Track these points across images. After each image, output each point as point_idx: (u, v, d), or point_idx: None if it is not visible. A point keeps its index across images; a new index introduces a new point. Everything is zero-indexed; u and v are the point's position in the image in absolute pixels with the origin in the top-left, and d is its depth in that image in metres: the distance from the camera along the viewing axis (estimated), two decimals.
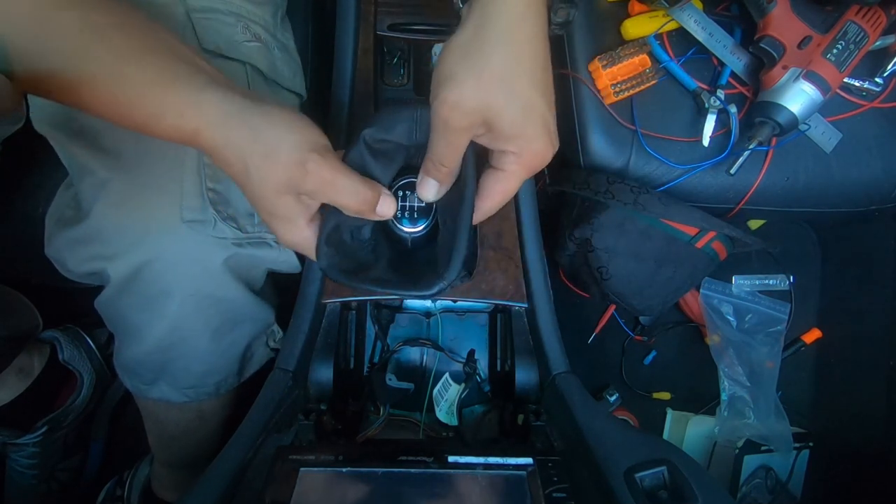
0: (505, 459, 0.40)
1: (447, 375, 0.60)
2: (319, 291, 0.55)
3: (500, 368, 0.62)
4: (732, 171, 0.63)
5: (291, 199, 0.39)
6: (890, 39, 0.64)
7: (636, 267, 0.71)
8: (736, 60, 0.66)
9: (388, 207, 0.41)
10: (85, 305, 0.59)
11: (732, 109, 0.64)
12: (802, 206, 0.69)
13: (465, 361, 0.60)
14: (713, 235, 0.69)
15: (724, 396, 0.89)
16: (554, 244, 0.78)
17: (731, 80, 0.66)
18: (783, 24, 0.60)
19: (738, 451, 0.90)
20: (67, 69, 0.36)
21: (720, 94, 0.65)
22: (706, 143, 0.65)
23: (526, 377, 0.54)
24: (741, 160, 0.63)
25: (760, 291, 0.97)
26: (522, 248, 0.57)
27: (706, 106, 0.64)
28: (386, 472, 0.39)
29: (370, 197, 0.40)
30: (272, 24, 0.60)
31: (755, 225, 0.98)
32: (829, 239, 1.00)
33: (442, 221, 0.44)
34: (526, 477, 0.39)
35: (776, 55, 0.60)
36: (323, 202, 0.40)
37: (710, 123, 0.64)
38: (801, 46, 0.60)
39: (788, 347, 0.96)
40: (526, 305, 0.56)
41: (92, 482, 0.85)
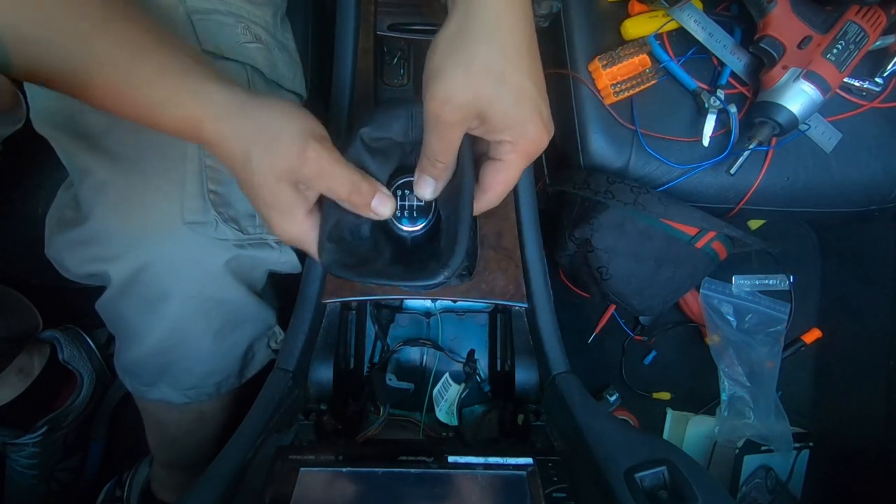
0: (505, 459, 0.40)
1: (447, 375, 0.60)
2: (319, 291, 0.55)
3: (500, 368, 0.62)
4: (732, 171, 0.63)
5: (290, 188, 0.39)
6: (890, 39, 0.64)
7: (636, 267, 0.71)
8: (736, 60, 0.66)
9: (385, 206, 0.41)
10: (85, 305, 0.59)
11: (732, 109, 0.64)
12: (802, 206, 0.69)
13: (465, 361, 0.60)
14: (713, 235, 0.69)
15: (724, 396, 0.89)
16: (554, 244, 0.78)
17: (731, 80, 0.66)
18: (783, 24, 0.60)
19: (738, 451, 0.90)
20: (70, 59, 0.36)
21: (720, 94, 0.65)
22: (706, 143, 0.65)
23: (526, 377, 0.54)
24: (741, 160, 0.63)
25: (760, 291, 0.97)
26: (522, 248, 0.57)
27: (706, 106, 0.64)
28: (386, 472, 0.39)
29: (366, 190, 0.40)
30: (272, 24, 0.60)
31: (755, 225, 0.98)
32: (829, 239, 1.00)
33: (444, 217, 0.44)
34: (526, 477, 0.39)
35: (776, 55, 0.60)
36: (321, 192, 0.40)
37: (710, 123, 0.64)
38: (801, 46, 0.60)
39: (788, 347, 0.96)
40: (526, 305, 0.56)
41: (92, 482, 0.85)
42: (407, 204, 0.45)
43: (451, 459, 0.40)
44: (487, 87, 0.35)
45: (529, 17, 0.38)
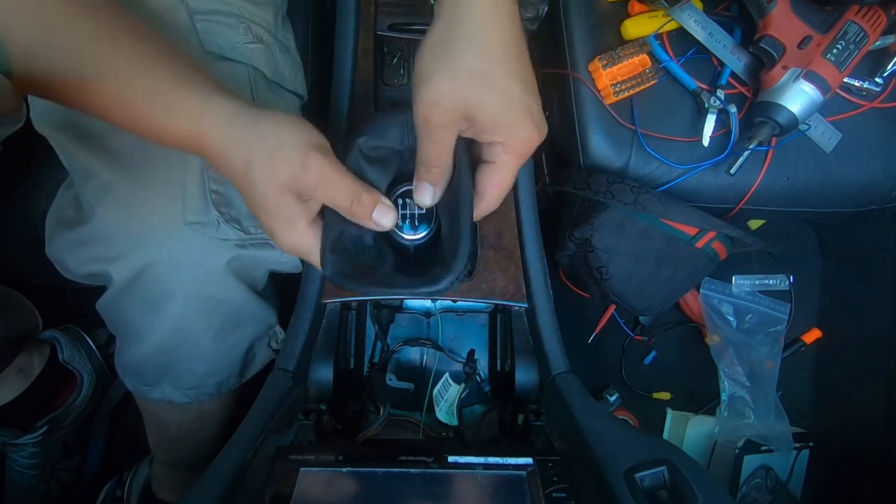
0: (505, 459, 0.40)
1: (447, 375, 0.60)
2: (319, 291, 0.55)
3: (500, 368, 0.62)
4: (732, 171, 0.63)
5: (292, 198, 0.39)
6: (890, 39, 0.64)
7: (636, 267, 0.71)
8: (736, 60, 0.66)
9: (386, 217, 0.41)
10: (85, 305, 0.59)
11: (732, 109, 0.64)
12: (802, 206, 0.69)
13: (465, 361, 0.60)
14: (713, 235, 0.69)
15: (724, 396, 0.89)
16: (554, 244, 0.78)
17: (731, 80, 0.66)
18: (783, 24, 0.60)
19: (738, 451, 0.90)
20: (73, 72, 0.36)
21: (720, 94, 0.65)
22: (706, 143, 0.65)
23: (526, 377, 0.54)
24: (741, 160, 0.63)
25: (760, 291, 0.97)
26: (522, 248, 0.57)
27: (706, 106, 0.64)
28: (386, 472, 0.39)
29: (367, 201, 0.40)
30: (273, 24, 0.60)
31: (755, 225, 0.98)
32: (829, 239, 1.00)
33: (445, 223, 0.44)
34: (526, 477, 0.39)
35: (776, 55, 0.60)
36: (323, 202, 0.40)
37: (710, 123, 0.64)
38: (801, 46, 0.60)
39: (788, 347, 0.96)
40: (526, 305, 0.56)
41: (92, 482, 0.85)
42: (408, 212, 0.44)
43: (451, 459, 0.40)
44: (474, 89, 0.36)
45: (516, 18, 0.38)
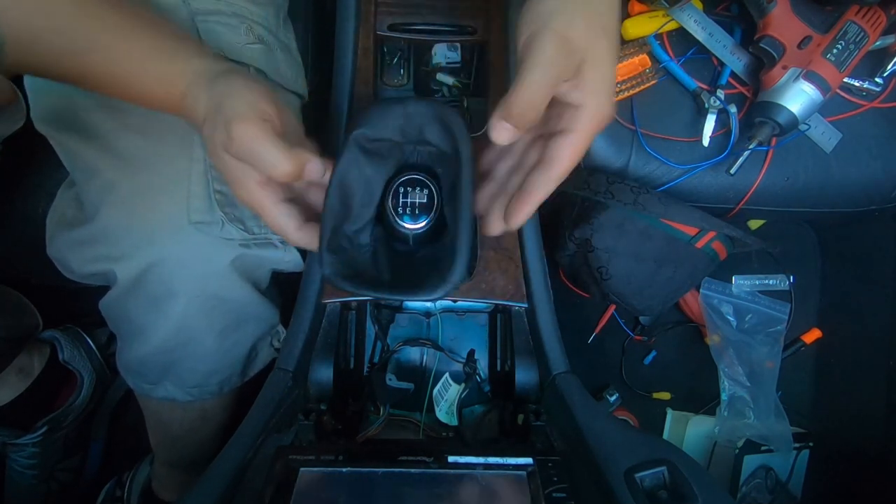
0: (505, 459, 0.40)
1: (447, 375, 0.60)
2: (319, 291, 0.55)
3: (500, 368, 0.62)
4: (732, 171, 0.63)
5: (234, 160, 0.39)
6: (890, 39, 0.64)
7: (636, 267, 0.71)
8: (736, 60, 0.66)
9: (315, 173, 0.40)
10: (85, 305, 0.59)
11: (732, 109, 0.64)
12: (802, 206, 0.69)
13: (465, 361, 0.60)
14: (713, 235, 0.69)
15: (724, 396, 0.89)
16: (554, 244, 0.78)
17: (731, 80, 0.66)
18: (783, 24, 0.60)
19: (738, 451, 0.90)
20: (62, 45, 0.37)
21: (720, 94, 0.65)
22: (706, 143, 0.65)
23: (526, 377, 0.54)
24: (741, 160, 0.63)
25: (760, 291, 0.97)
26: (522, 248, 0.57)
27: (706, 106, 0.64)
28: (386, 472, 0.39)
29: (290, 169, 0.38)
30: (274, 24, 0.60)
31: (755, 225, 0.98)
32: (829, 239, 1.00)
33: (450, 220, 0.43)
34: (526, 477, 0.39)
35: (776, 55, 0.60)
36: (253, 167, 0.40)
37: (710, 123, 0.64)
38: (801, 46, 0.60)
39: (788, 347, 0.96)
40: (526, 305, 0.56)
41: (92, 482, 0.85)
42: (409, 201, 0.44)
43: (451, 459, 0.40)
44: (601, 42, 0.34)
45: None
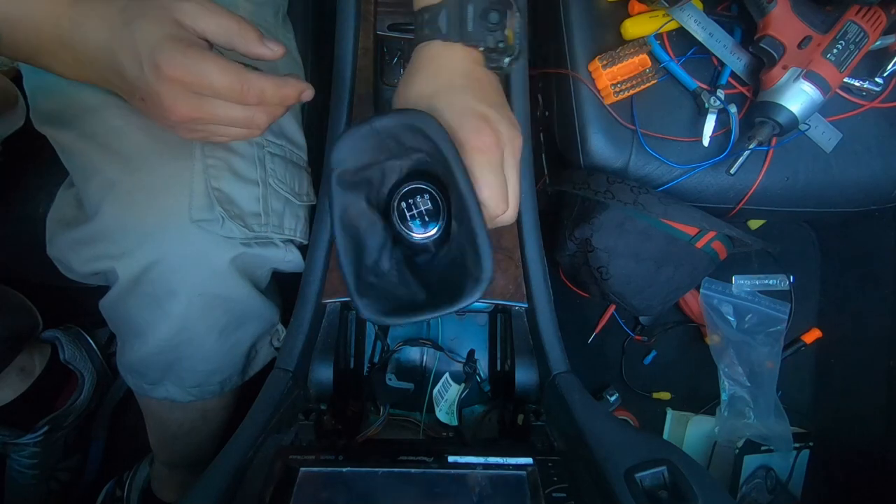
0: (505, 459, 0.40)
1: (447, 375, 0.60)
2: (319, 291, 0.55)
3: (500, 368, 0.62)
4: (732, 171, 0.63)
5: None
6: (890, 39, 0.64)
7: (636, 267, 0.71)
8: (736, 60, 0.66)
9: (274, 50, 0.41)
10: (86, 305, 0.59)
11: (732, 109, 0.64)
12: (802, 206, 0.69)
13: (465, 361, 0.60)
14: (713, 235, 0.69)
15: (724, 396, 0.89)
16: (554, 244, 0.78)
17: (731, 80, 0.67)
18: (783, 23, 0.60)
19: (738, 451, 0.90)
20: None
21: (720, 94, 0.65)
22: (706, 143, 0.65)
23: (526, 377, 0.54)
24: (741, 160, 0.63)
25: (760, 291, 0.97)
26: (522, 248, 0.57)
27: (706, 106, 0.64)
28: (386, 472, 0.39)
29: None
30: (274, 24, 0.60)
31: (755, 225, 0.98)
32: (829, 239, 1.00)
33: (461, 234, 0.43)
34: (526, 477, 0.39)
35: (776, 55, 0.60)
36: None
37: (710, 123, 0.65)
38: (801, 46, 0.60)
39: (788, 347, 0.96)
40: (526, 305, 0.56)
41: (92, 482, 0.85)
42: (416, 211, 0.44)
43: (451, 459, 0.40)
44: (423, 104, 0.42)
45: (470, 58, 0.44)
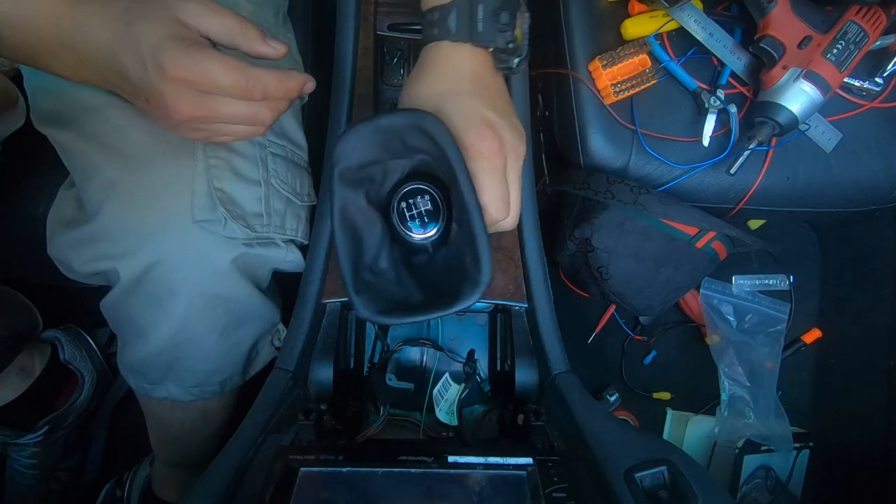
0: (505, 459, 0.40)
1: (447, 375, 0.60)
2: (319, 291, 0.55)
3: (500, 368, 0.62)
4: (732, 171, 0.63)
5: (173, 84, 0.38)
6: (890, 39, 0.64)
7: (636, 267, 0.71)
8: (736, 60, 0.66)
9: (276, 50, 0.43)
10: (86, 305, 0.59)
11: (732, 109, 0.64)
12: (802, 206, 0.69)
13: (465, 361, 0.60)
14: (713, 235, 0.69)
15: (724, 396, 0.89)
16: (554, 244, 0.78)
17: (731, 80, 0.67)
18: (783, 23, 0.60)
19: (738, 451, 0.90)
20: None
21: (720, 94, 0.65)
22: (706, 143, 0.65)
23: (526, 377, 0.54)
24: (741, 160, 0.63)
25: (760, 291, 0.97)
26: (522, 248, 0.57)
27: (706, 106, 0.64)
28: (386, 472, 0.39)
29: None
30: (274, 24, 0.60)
31: (755, 225, 0.98)
32: (829, 239, 1.00)
33: (461, 237, 0.42)
34: (526, 477, 0.39)
35: (776, 55, 0.60)
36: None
37: (710, 123, 0.65)
38: (801, 46, 0.60)
39: (788, 347, 0.96)
40: (526, 305, 0.56)
41: (92, 482, 0.85)
42: (416, 211, 0.44)
43: (451, 459, 0.40)
44: (430, 104, 0.42)
45: (479, 60, 0.44)
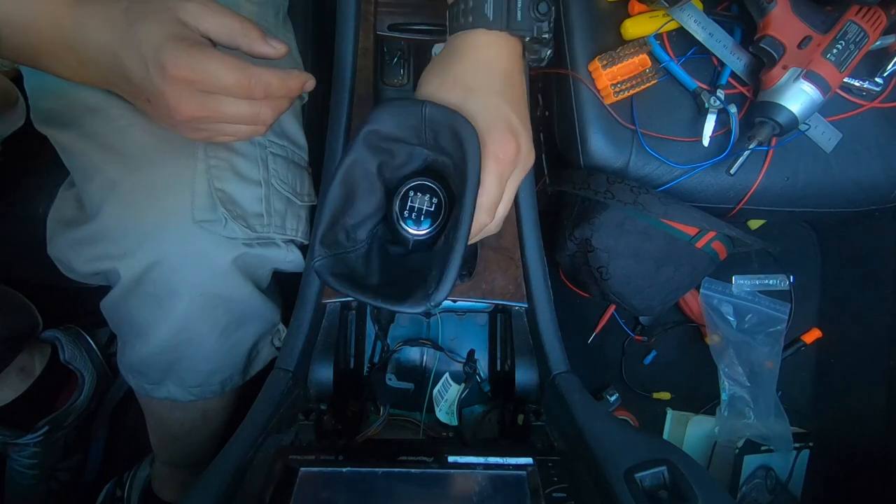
0: (505, 459, 0.40)
1: (447, 375, 0.60)
2: (319, 291, 0.55)
3: (500, 368, 0.62)
4: (732, 171, 0.63)
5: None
6: (890, 39, 0.64)
7: (636, 267, 0.71)
8: (736, 60, 0.66)
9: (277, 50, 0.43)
10: (86, 305, 0.59)
11: (732, 109, 0.64)
12: (802, 206, 0.69)
13: (465, 361, 0.60)
14: (713, 235, 0.69)
15: (724, 396, 0.89)
16: (554, 244, 0.78)
17: (731, 80, 0.66)
18: (783, 23, 0.60)
19: (738, 451, 0.90)
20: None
21: (720, 94, 0.65)
22: (706, 143, 0.65)
23: (526, 377, 0.54)
24: (741, 160, 0.63)
25: (760, 291, 0.97)
26: (522, 248, 0.57)
27: (706, 106, 0.64)
28: (386, 472, 0.39)
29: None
30: (274, 24, 0.60)
31: (755, 225, 0.98)
32: (829, 239, 1.00)
33: (449, 235, 0.42)
34: (526, 477, 0.39)
35: (776, 55, 0.60)
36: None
37: (710, 123, 0.64)
38: (801, 46, 0.60)
39: (788, 347, 0.96)
40: (526, 305, 0.56)
41: (92, 482, 0.85)
42: (416, 207, 0.44)
43: (451, 459, 0.40)
44: (456, 96, 0.41)
45: (512, 53, 0.43)
